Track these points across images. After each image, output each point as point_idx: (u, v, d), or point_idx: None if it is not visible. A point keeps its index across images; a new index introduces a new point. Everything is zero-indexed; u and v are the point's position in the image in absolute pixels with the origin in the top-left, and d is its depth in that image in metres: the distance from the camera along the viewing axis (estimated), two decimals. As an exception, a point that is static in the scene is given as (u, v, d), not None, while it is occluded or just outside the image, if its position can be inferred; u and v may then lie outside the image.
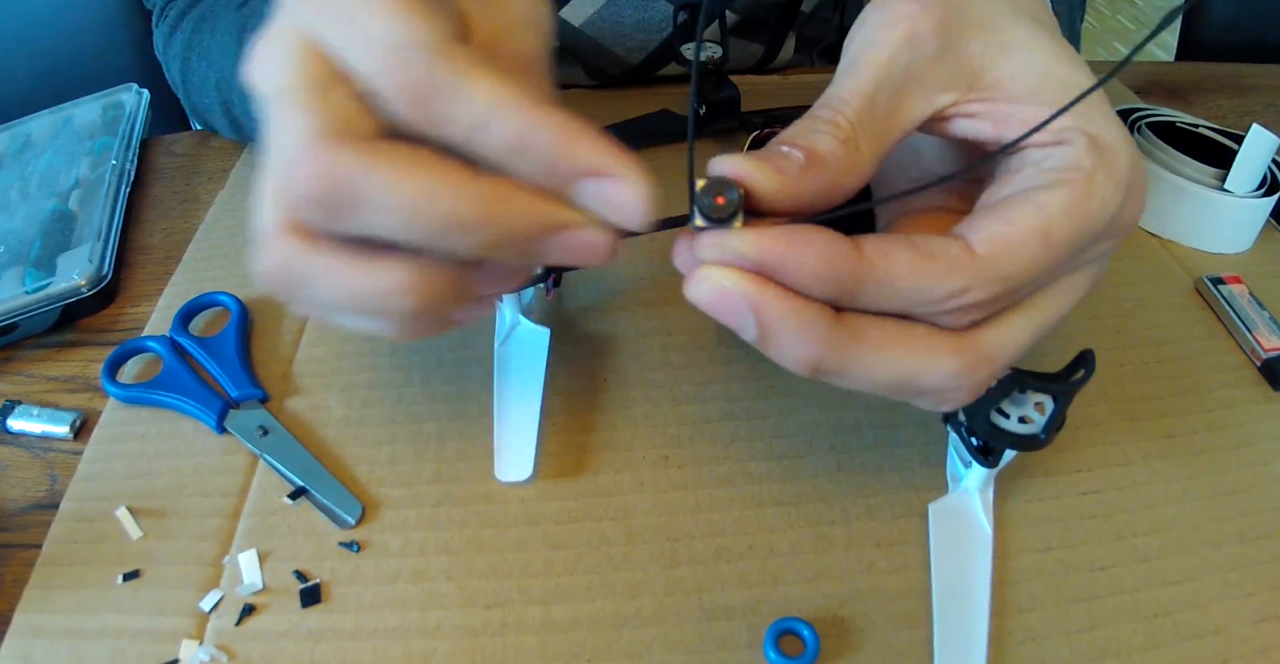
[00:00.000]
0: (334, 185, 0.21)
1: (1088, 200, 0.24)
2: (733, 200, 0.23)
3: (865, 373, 0.24)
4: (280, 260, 0.23)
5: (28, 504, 0.37)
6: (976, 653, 0.30)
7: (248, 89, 0.23)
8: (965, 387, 0.25)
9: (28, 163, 0.54)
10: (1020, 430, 0.30)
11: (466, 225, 0.21)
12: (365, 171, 0.21)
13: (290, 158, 0.21)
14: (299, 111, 0.21)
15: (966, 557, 0.32)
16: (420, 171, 0.21)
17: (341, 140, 0.21)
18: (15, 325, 0.43)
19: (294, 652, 0.31)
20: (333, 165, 0.21)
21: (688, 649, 0.31)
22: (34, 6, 0.72)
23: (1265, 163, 0.45)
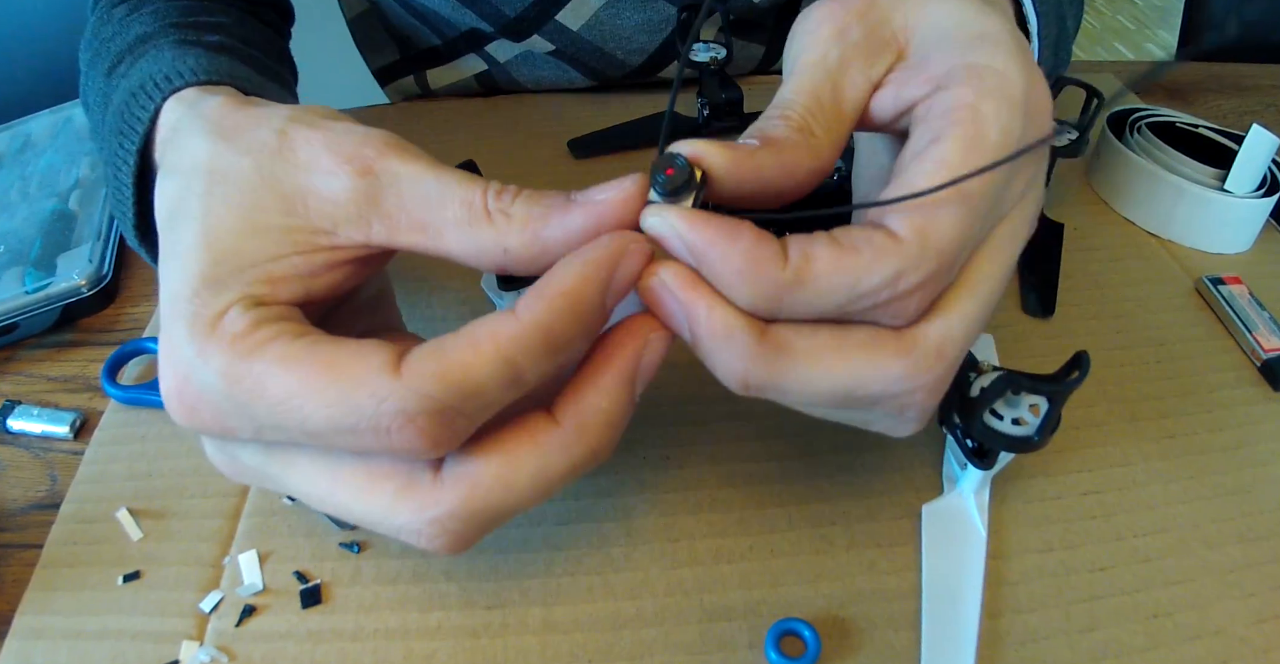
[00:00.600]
0: (467, 534, 0.24)
1: (983, 134, 0.23)
2: (681, 168, 0.23)
3: (800, 388, 0.23)
4: None
5: (28, 504, 0.37)
6: (965, 656, 0.30)
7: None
8: (921, 388, 0.24)
9: (28, 163, 0.54)
10: (1014, 432, 0.30)
11: (584, 467, 0.24)
12: (475, 514, 0.23)
13: (411, 539, 0.24)
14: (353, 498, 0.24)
15: (959, 558, 0.32)
16: (520, 481, 0.23)
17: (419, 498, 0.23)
18: (15, 325, 0.43)
19: (294, 653, 0.31)
20: (445, 527, 0.23)
21: (688, 650, 0.31)
22: (34, 6, 0.72)
23: (1265, 163, 0.45)
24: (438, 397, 0.21)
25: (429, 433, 0.21)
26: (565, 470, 0.23)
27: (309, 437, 0.22)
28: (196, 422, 0.24)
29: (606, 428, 0.24)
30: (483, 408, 0.22)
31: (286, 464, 0.24)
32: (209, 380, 0.22)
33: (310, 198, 0.24)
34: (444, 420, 0.21)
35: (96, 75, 0.40)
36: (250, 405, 0.22)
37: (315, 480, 0.24)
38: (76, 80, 0.44)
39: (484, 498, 0.23)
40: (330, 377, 0.21)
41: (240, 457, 0.25)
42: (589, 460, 0.24)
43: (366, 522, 0.24)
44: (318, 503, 0.24)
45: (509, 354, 0.21)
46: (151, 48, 0.38)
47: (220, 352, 0.22)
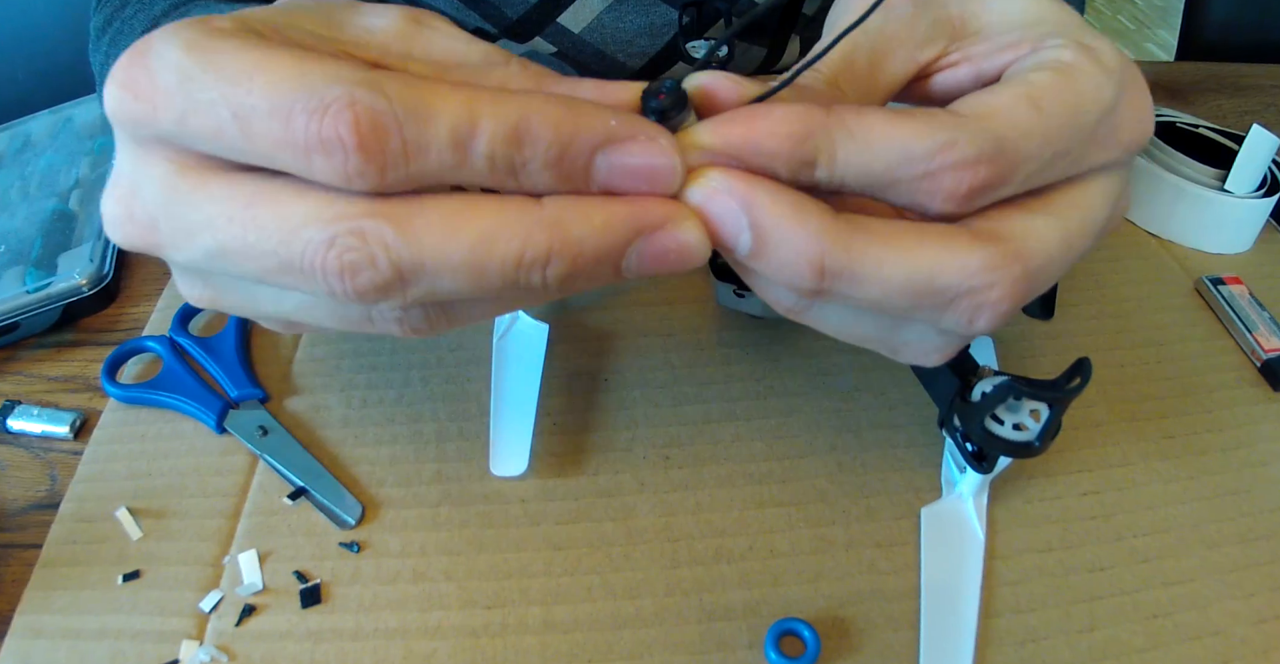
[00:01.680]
0: (383, 267, 0.19)
1: (1075, 79, 0.22)
2: (669, 89, 0.21)
3: (877, 272, 0.21)
4: None
5: (28, 504, 0.37)
6: (963, 657, 0.30)
7: None
8: (999, 285, 0.21)
9: (27, 163, 0.54)
10: (1015, 438, 0.30)
11: (535, 261, 0.20)
12: (409, 243, 0.19)
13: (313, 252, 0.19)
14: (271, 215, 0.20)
15: (957, 562, 0.32)
16: (468, 218, 0.19)
17: (356, 228, 0.19)
18: (16, 324, 0.43)
19: (294, 652, 0.31)
20: (371, 246, 0.19)
21: (688, 650, 0.31)
22: (34, 6, 0.72)
23: (1265, 163, 0.45)
24: (389, 94, 0.19)
25: (360, 127, 0.18)
26: (512, 254, 0.20)
27: (236, 122, 0.19)
28: (137, 103, 0.21)
29: (579, 243, 0.20)
30: (420, 148, 0.19)
31: (198, 186, 0.21)
32: (169, 55, 0.20)
33: (354, 19, 0.24)
34: (379, 124, 0.18)
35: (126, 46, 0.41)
36: (198, 81, 0.20)
37: (228, 200, 0.20)
38: (75, 80, 0.44)
39: (417, 227, 0.19)
40: (295, 56, 0.19)
41: (155, 187, 0.21)
42: (537, 263, 0.20)
43: (269, 241, 0.20)
44: (229, 243, 0.20)
45: (477, 106, 0.19)
46: (194, 7, 0.38)
47: (194, 29, 0.20)
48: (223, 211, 0.20)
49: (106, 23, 0.45)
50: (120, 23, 0.43)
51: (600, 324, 0.43)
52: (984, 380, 0.31)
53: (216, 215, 0.20)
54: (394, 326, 0.23)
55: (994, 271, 0.21)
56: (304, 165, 0.19)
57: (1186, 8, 0.85)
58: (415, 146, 0.19)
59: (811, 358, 0.41)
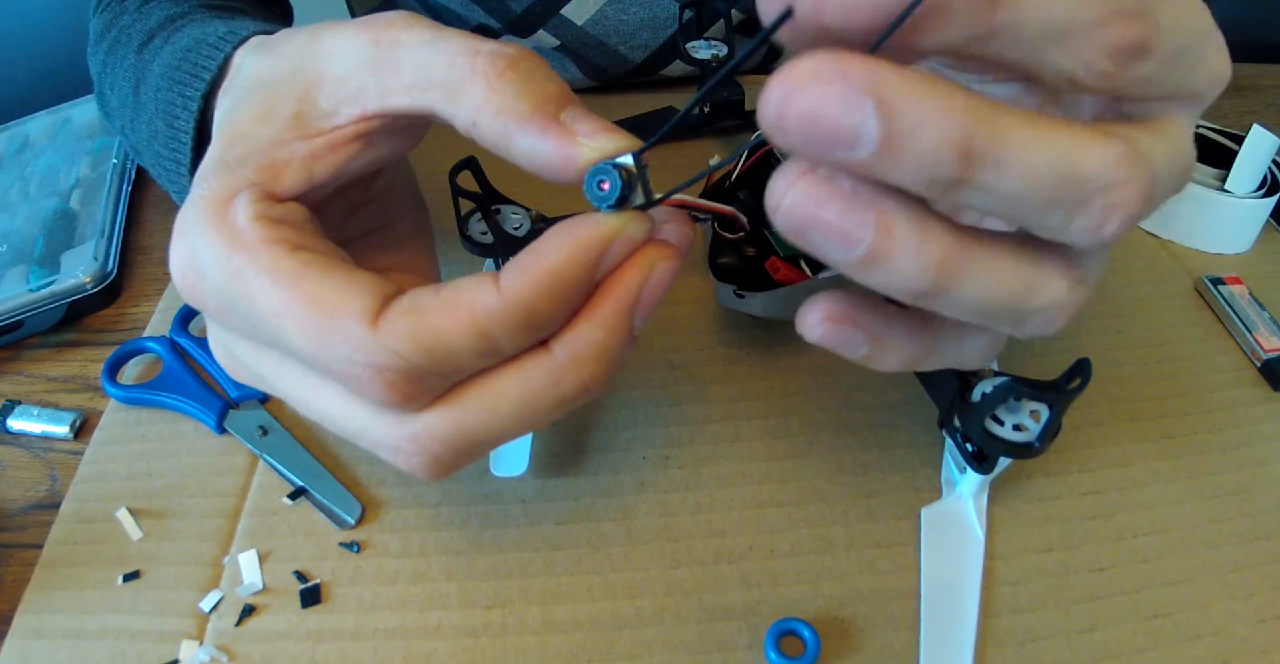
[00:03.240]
0: (450, 458, 0.23)
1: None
2: (610, 173, 0.22)
3: (1022, 155, 0.18)
4: None
5: (28, 504, 0.37)
6: (963, 658, 0.30)
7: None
8: (1133, 183, 0.19)
9: (27, 163, 0.54)
10: (1015, 438, 0.30)
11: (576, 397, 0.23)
12: (465, 434, 0.23)
13: (391, 457, 0.23)
14: (336, 409, 0.24)
15: (958, 562, 0.32)
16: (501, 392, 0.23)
17: (409, 417, 0.23)
18: (20, 323, 0.43)
19: (294, 652, 0.31)
20: (429, 450, 0.23)
21: (688, 650, 0.31)
22: (34, 6, 0.72)
23: (1265, 163, 0.45)
24: (408, 357, 0.21)
25: (398, 388, 0.21)
26: (553, 400, 0.23)
27: (290, 352, 0.22)
28: (198, 300, 0.24)
29: (600, 361, 0.23)
30: (456, 371, 0.22)
31: (276, 365, 0.24)
32: (210, 267, 0.22)
33: (324, 81, 0.24)
34: (413, 379, 0.21)
35: (122, 58, 0.41)
36: (240, 305, 0.22)
37: (300, 387, 0.24)
38: (75, 80, 0.44)
39: (464, 419, 0.22)
40: (310, 310, 0.21)
41: (236, 350, 0.25)
42: (579, 392, 0.23)
43: (347, 433, 0.23)
44: (303, 408, 0.24)
45: (485, 328, 0.21)
46: (189, 22, 0.39)
47: (222, 244, 0.22)
48: (302, 397, 0.24)
49: (106, 28, 0.46)
50: (117, 31, 0.43)
51: (600, 324, 0.43)
52: (984, 381, 0.31)
53: (300, 398, 0.24)
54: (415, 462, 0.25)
55: (1130, 166, 0.19)
56: (361, 397, 0.23)
57: (1186, 8, 0.84)
58: (448, 374, 0.22)
59: (811, 358, 0.41)
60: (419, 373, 0.21)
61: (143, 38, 0.40)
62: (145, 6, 0.42)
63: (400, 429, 0.23)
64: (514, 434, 0.23)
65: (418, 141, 0.28)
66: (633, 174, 0.22)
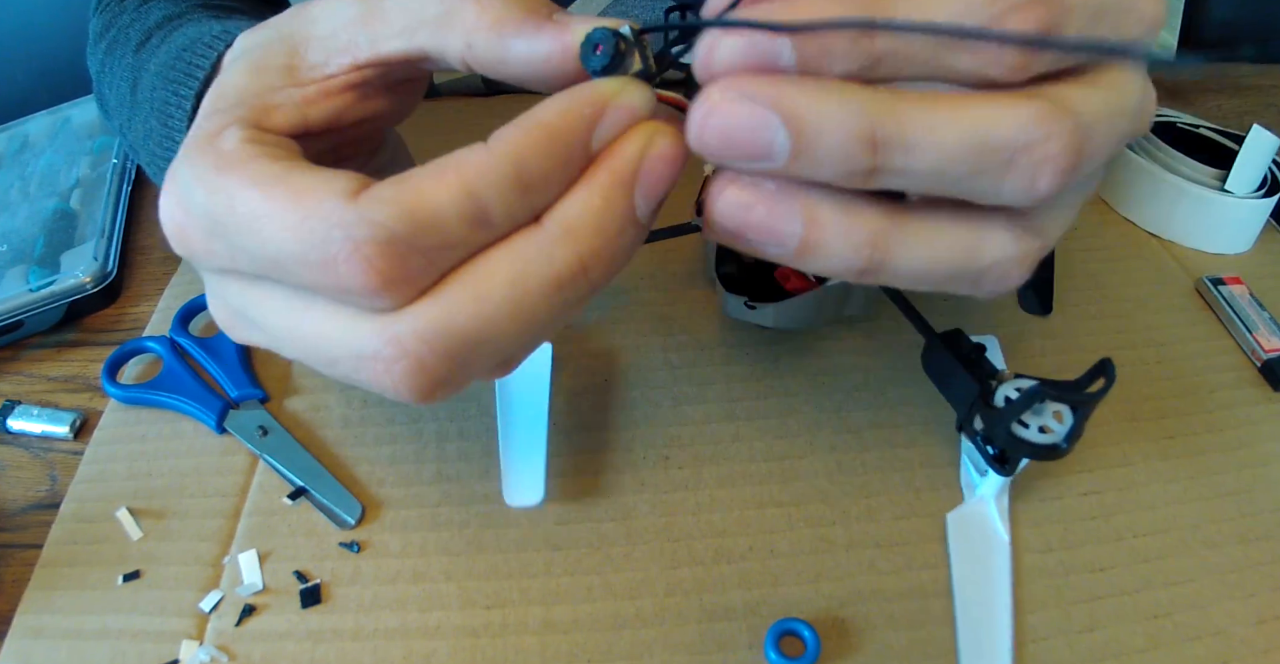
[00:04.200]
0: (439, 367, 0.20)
1: None
2: (607, 40, 0.21)
3: (930, 134, 0.19)
4: None
5: (28, 504, 0.37)
6: (1002, 660, 0.30)
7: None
8: (1056, 137, 0.20)
9: (27, 163, 0.54)
10: (1042, 441, 0.29)
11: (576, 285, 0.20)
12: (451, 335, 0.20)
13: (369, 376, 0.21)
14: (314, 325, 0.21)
15: (986, 564, 0.32)
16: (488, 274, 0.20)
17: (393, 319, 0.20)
18: (21, 322, 0.43)
19: (294, 652, 0.31)
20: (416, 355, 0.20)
21: (688, 650, 0.31)
22: (34, 6, 0.72)
23: (1266, 163, 0.45)
24: (388, 225, 0.19)
25: (377, 266, 0.19)
26: (548, 280, 0.20)
27: (271, 265, 0.21)
28: (185, 243, 0.23)
29: (597, 234, 0.20)
30: (441, 246, 0.20)
31: (262, 297, 0.22)
32: (195, 195, 0.21)
33: (313, 40, 0.24)
34: (394, 253, 0.19)
35: (120, 57, 0.41)
36: (223, 222, 0.21)
37: (282, 312, 0.22)
38: (75, 80, 0.44)
39: (451, 312, 0.20)
40: (291, 200, 0.20)
41: (227, 294, 0.23)
42: (575, 271, 0.20)
43: (330, 355, 0.21)
44: (288, 342, 0.22)
45: (474, 185, 0.19)
46: (186, 22, 0.39)
47: (206, 163, 0.21)
48: (289, 325, 0.22)
49: (105, 28, 0.46)
50: (116, 31, 0.43)
51: (599, 324, 0.43)
52: (1005, 384, 0.31)
53: (285, 328, 0.22)
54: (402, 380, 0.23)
55: (1049, 123, 0.20)
56: (342, 301, 0.20)
57: (1186, 8, 0.85)
58: (437, 249, 0.20)
59: (811, 358, 0.41)
60: (401, 246, 0.19)
61: (140, 37, 0.40)
62: (144, 6, 0.42)
63: (381, 331, 0.20)
64: (507, 333, 0.20)
65: (413, 103, 0.28)
66: (629, 41, 0.21)
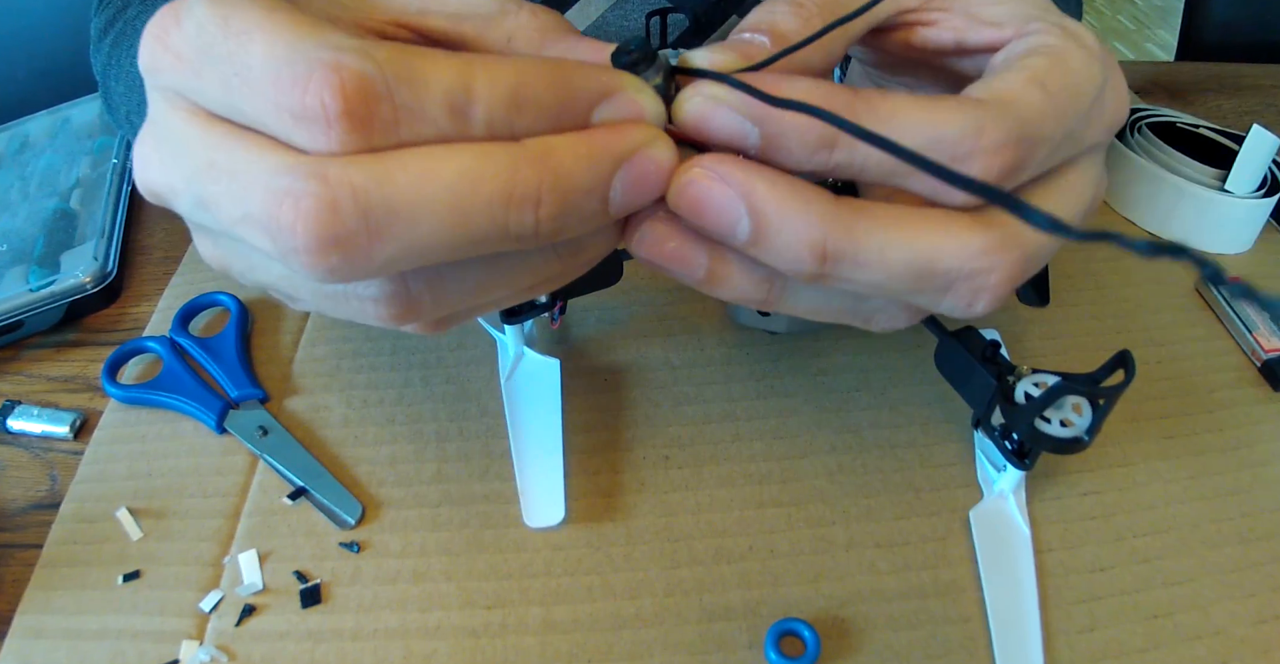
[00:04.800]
0: (350, 211, 0.18)
1: (1067, 61, 0.23)
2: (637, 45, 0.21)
3: (878, 254, 0.21)
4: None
5: (28, 504, 0.37)
6: (1034, 652, 0.30)
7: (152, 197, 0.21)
8: (997, 270, 0.21)
9: (26, 163, 0.54)
10: (1064, 434, 0.30)
11: (525, 199, 0.19)
12: (381, 183, 0.18)
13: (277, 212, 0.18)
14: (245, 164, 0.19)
15: (1010, 559, 0.33)
16: (447, 157, 0.18)
17: (326, 161, 0.18)
18: (21, 322, 0.43)
19: (294, 652, 0.31)
20: (335, 189, 0.18)
21: (688, 650, 0.31)
22: (34, 6, 0.72)
23: (1265, 163, 0.45)
24: (376, 64, 0.18)
25: (346, 92, 0.18)
26: (499, 190, 0.19)
27: (239, 81, 0.19)
28: (159, 46, 0.21)
29: (569, 172, 0.19)
30: (413, 113, 0.18)
31: (205, 126, 0.20)
32: (197, 9, 0.20)
33: None
34: (368, 89, 0.18)
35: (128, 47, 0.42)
36: (212, 32, 0.19)
37: (217, 141, 0.20)
38: (75, 80, 0.45)
39: (392, 174, 0.18)
40: (294, 23, 0.19)
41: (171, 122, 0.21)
42: (530, 195, 0.19)
43: (241, 189, 0.19)
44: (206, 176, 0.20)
45: (471, 78, 0.19)
46: None
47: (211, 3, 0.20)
48: (211, 159, 0.20)
49: (108, 24, 0.46)
50: (123, 23, 0.43)
51: (599, 325, 0.43)
52: (1024, 380, 0.31)
53: (206, 162, 0.20)
54: (373, 307, 0.21)
55: (994, 255, 0.21)
56: (289, 131, 0.19)
57: (1186, 8, 0.85)
58: (408, 112, 0.18)
59: (811, 358, 0.41)
60: (378, 87, 0.18)
61: None
62: None
63: (309, 166, 0.18)
64: (436, 228, 0.19)
65: None
66: (656, 56, 0.21)
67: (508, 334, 0.38)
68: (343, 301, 0.22)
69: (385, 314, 0.22)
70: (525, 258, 0.22)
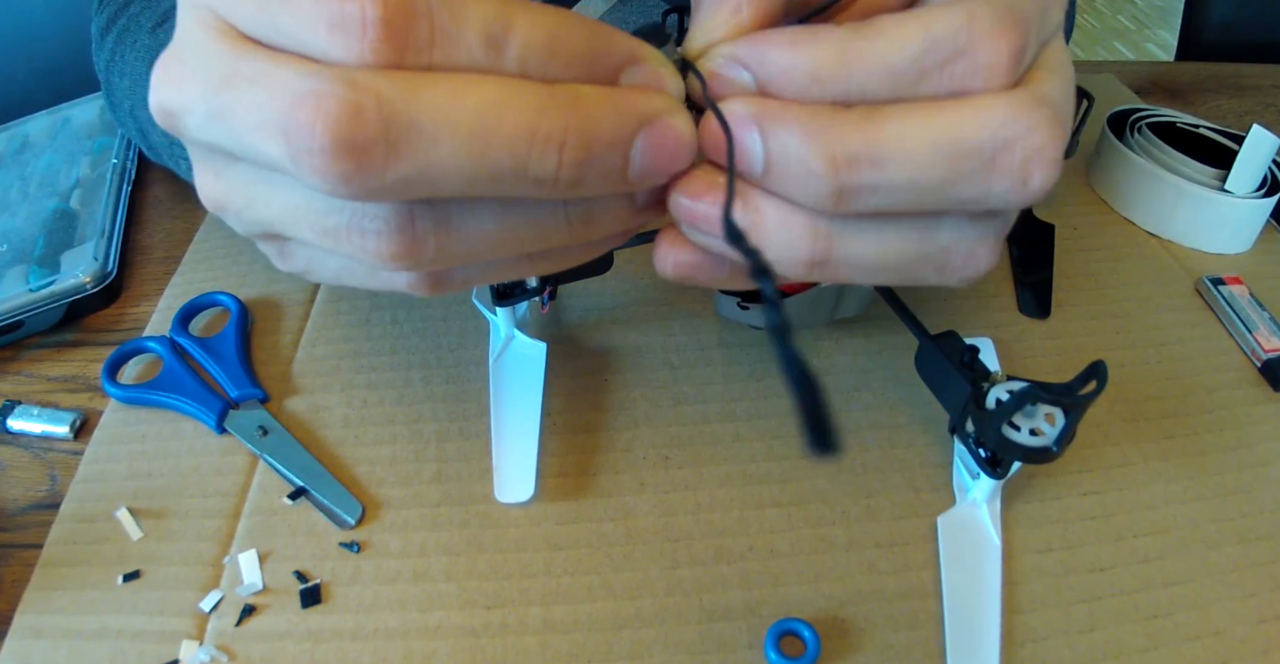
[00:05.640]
0: (373, 119, 0.17)
1: None
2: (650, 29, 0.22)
3: (898, 146, 0.19)
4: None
5: (28, 504, 0.37)
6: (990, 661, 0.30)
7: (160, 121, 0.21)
8: (1038, 127, 0.20)
9: (27, 163, 0.54)
10: (1033, 443, 0.29)
11: (550, 139, 0.18)
12: (407, 97, 0.17)
13: (298, 115, 0.17)
14: (271, 71, 0.18)
15: (977, 569, 0.32)
16: (478, 83, 0.18)
17: (355, 69, 0.18)
18: (20, 322, 0.43)
19: (294, 652, 0.31)
20: (361, 94, 0.17)
21: (688, 650, 0.31)
22: (34, 6, 0.72)
23: (1265, 163, 0.45)
24: None
25: (386, 2, 0.17)
26: (525, 126, 0.18)
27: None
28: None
29: (596, 120, 0.19)
30: (448, 37, 0.18)
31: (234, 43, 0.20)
32: None
33: None
34: (408, 4, 0.18)
35: (133, 42, 0.41)
36: None
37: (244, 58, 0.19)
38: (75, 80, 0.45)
39: (419, 91, 0.18)
40: None
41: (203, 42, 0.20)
42: (555, 138, 0.19)
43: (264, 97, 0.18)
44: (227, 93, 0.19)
45: (510, 18, 0.18)
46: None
47: None
48: (235, 68, 0.19)
49: (110, 22, 0.46)
50: (126, 20, 0.43)
51: (599, 324, 0.43)
52: (997, 386, 0.31)
53: (229, 72, 0.19)
54: (374, 242, 0.21)
55: (1027, 115, 0.19)
56: (323, 43, 0.18)
57: (1186, 8, 0.85)
58: (445, 36, 0.18)
59: (812, 358, 0.41)
60: (420, 3, 0.18)
61: (156, 19, 0.40)
62: None
63: (337, 73, 0.18)
64: (452, 146, 0.18)
65: None
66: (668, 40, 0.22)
67: (499, 316, 0.39)
68: (344, 238, 0.21)
69: (386, 251, 0.21)
70: (537, 215, 0.22)
